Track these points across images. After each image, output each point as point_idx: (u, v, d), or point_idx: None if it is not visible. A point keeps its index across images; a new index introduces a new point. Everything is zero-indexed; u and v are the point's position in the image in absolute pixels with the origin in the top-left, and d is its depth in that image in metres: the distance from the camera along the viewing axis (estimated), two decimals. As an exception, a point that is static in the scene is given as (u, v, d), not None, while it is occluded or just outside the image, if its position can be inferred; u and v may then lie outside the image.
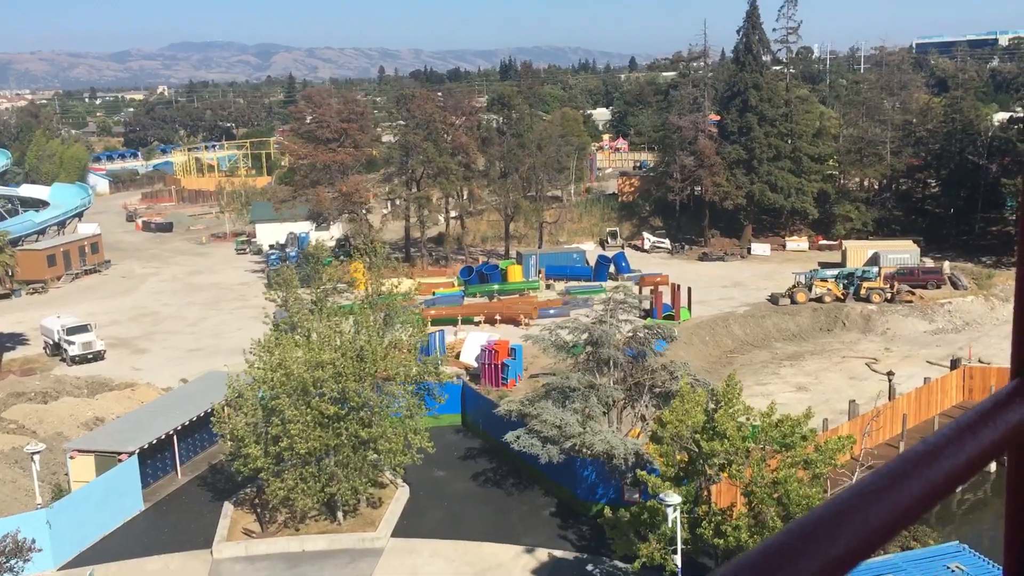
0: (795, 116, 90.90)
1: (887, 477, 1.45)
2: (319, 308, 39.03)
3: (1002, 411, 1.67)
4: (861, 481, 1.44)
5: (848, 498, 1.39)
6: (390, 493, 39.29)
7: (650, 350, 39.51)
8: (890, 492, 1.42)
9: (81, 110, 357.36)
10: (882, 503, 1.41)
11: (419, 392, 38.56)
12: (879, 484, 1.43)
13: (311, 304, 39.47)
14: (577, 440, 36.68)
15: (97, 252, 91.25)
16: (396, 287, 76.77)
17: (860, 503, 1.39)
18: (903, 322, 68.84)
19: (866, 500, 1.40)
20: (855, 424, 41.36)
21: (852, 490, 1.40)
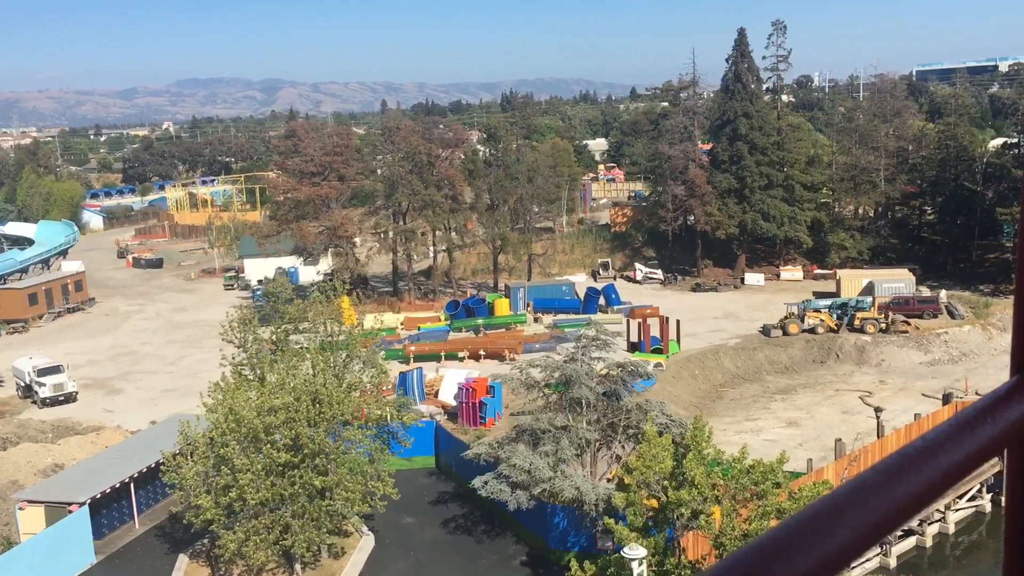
0: (787, 144, 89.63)
1: (884, 473, 1.44)
2: (279, 349, 37.45)
3: (1001, 408, 1.67)
4: (858, 476, 1.42)
5: (845, 493, 1.39)
6: (354, 542, 37.55)
7: (624, 389, 37.81)
8: (887, 488, 1.42)
9: (84, 147, 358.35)
10: (879, 499, 1.41)
11: (383, 435, 36.90)
12: (876, 480, 1.42)
13: (272, 344, 37.86)
14: (547, 485, 34.97)
15: (81, 290, 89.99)
16: (380, 322, 75.72)
17: (857, 498, 1.39)
18: (898, 353, 67.05)
19: (863, 495, 1.40)
20: (840, 465, 39.57)
21: (849, 485, 1.39)
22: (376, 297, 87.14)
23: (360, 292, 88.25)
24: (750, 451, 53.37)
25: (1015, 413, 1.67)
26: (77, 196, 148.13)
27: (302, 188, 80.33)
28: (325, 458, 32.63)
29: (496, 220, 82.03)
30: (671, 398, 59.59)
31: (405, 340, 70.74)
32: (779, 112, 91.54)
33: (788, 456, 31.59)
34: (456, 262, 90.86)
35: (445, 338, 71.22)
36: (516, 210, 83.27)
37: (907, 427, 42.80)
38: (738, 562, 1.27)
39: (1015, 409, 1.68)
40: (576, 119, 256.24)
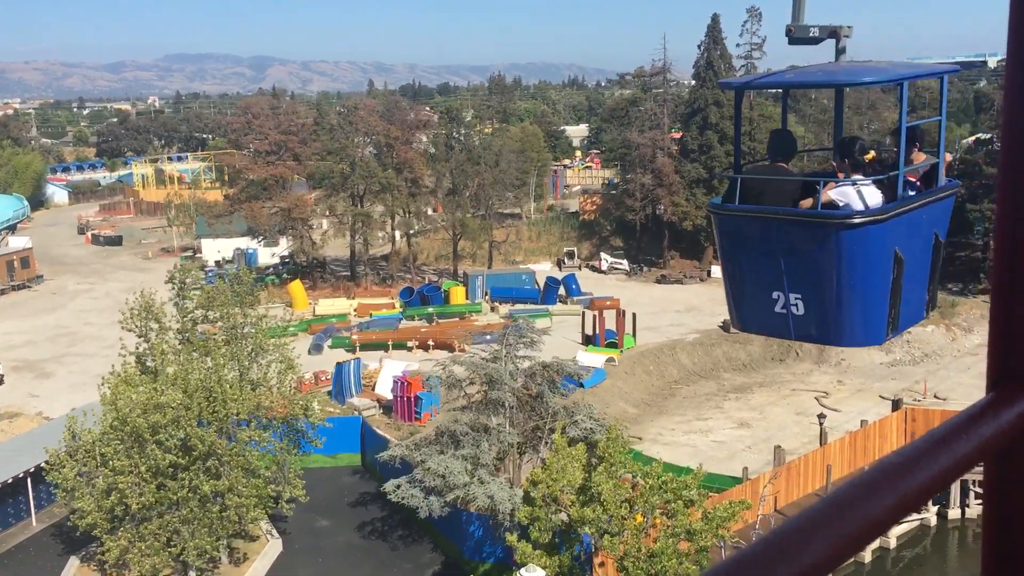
0: (757, 135, 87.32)
1: (860, 487, 1.47)
2: (186, 339, 35.11)
3: (976, 424, 1.69)
4: (835, 492, 1.46)
5: (821, 508, 1.42)
6: (260, 547, 35.36)
7: (549, 390, 35.64)
8: (862, 503, 1.45)
9: (63, 119, 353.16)
10: (854, 514, 1.43)
11: (291, 434, 34.70)
12: (852, 495, 1.45)
13: (178, 335, 35.51)
14: (461, 492, 32.85)
15: (28, 267, 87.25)
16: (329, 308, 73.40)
17: (835, 513, 1.42)
18: (858, 353, 65.03)
19: (839, 510, 1.43)
20: (780, 473, 37.55)
21: (825, 500, 1.43)
22: (333, 282, 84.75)
23: (319, 275, 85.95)
24: (698, 452, 51.76)
25: (989, 430, 1.68)
26: (39, 170, 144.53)
27: (256, 167, 77.78)
28: (218, 460, 30.40)
29: (457, 205, 79.66)
30: (621, 395, 57.68)
31: (353, 328, 68.51)
32: (751, 102, 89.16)
33: (705, 471, 29.48)
34: (415, 248, 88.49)
35: (396, 326, 68.96)
36: (478, 195, 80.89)
37: (852, 434, 40.86)
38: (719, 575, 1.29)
39: (989, 426, 1.68)
40: (561, 104, 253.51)
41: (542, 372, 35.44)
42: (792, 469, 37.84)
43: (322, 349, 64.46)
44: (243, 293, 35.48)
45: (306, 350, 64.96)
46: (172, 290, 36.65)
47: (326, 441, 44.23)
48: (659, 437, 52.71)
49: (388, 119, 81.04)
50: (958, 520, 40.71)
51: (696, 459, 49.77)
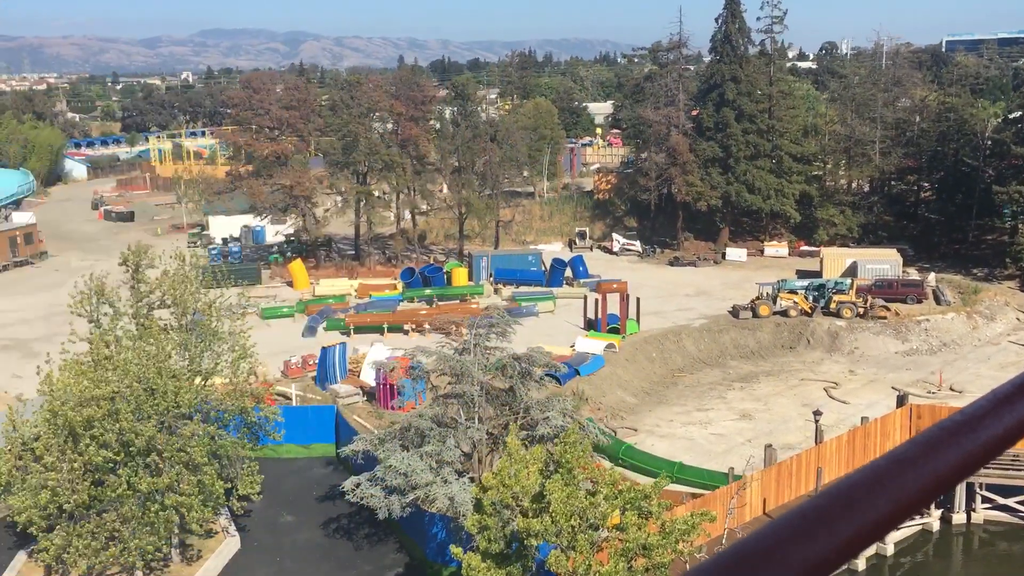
0: (777, 112, 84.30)
1: (924, 445, 1.48)
2: (141, 325, 33.31)
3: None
4: (899, 448, 1.46)
5: (885, 464, 1.43)
6: (216, 544, 33.65)
7: (520, 383, 33.46)
8: (927, 460, 1.45)
9: (94, 94, 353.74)
10: (919, 471, 1.44)
11: (248, 427, 32.86)
12: (916, 452, 1.46)
13: (131, 320, 33.71)
14: (422, 492, 30.89)
15: (31, 243, 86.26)
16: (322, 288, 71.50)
17: (897, 470, 1.42)
18: (873, 341, 62.36)
19: (902, 467, 1.43)
20: (770, 474, 35.23)
21: (889, 457, 1.44)
22: (338, 261, 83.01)
23: (324, 254, 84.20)
24: (695, 445, 49.44)
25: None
26: (57, 144, 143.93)
27: (257, 144, 75.98)
28: (158, 456, 28.65)
29: (463, 183, 77.43)
30: (620, 383, 55.48)
31: (350, 310, 66.71)
32: (771, 77, 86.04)
33: (669, 480, 27.22)
34: (420, 227, 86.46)
35: (394, 308, 67.04)
36: (484, 174, 78.57)
37: (850, 432, 38.36)
38: (782, 527, 1.30)
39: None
40: (589, 80, 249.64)
41: (512, 364, 33.29)
42: (783, 469, 35.50)
43: (316, 332, 62.74)
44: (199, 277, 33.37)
45: (300, 332, 63.62)
46: (126, 272, 34.77)
47: (300, 431, 42.68)
48: (656, 429, 50.46)
49: (395, 95, 78.88)
50: (963, 525, 38.21)
51: (692, 453, 47.57)
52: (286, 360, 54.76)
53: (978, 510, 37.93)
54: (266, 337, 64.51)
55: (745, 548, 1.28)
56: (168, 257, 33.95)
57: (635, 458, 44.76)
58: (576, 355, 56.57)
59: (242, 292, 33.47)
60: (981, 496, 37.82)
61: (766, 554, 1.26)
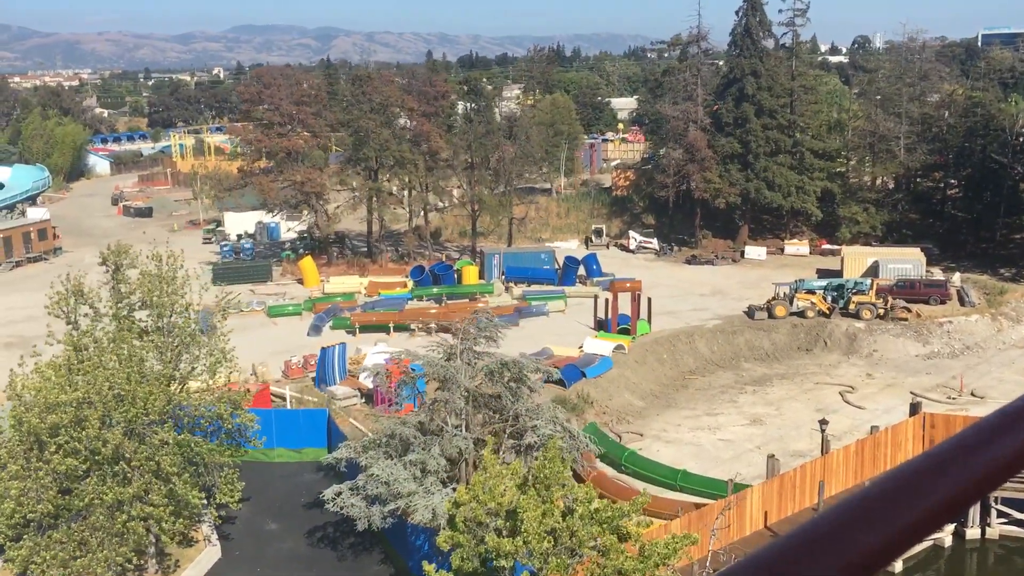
0: (799, 107, 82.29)
1: (986, 431, 1.47)
2: (122, 328, 32.31)
3: None
4: (963, 432, 1.45)
5: (948, 449, 1.42)
6: (195, 553, 32.64)
7: (510, 391, 32.14)
8: (990, 446, 1.44)
9: (123, 90, 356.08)
10: (981, 456, 1.42)
11: (228, 433, 31.80)
12: (978, 438, 1.45)
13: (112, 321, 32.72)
14: (404, 502, 29.70)
15: (45, 239, 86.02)
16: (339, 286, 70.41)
17: (960, 455, 1.41)
18: (893, 343, 60.45)
19: (965, 452, 1.42)
20: (772, 486, 33.70)
21: (952, 442, 1.43)
22: (350, 258, 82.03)
23: (337, 251, 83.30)
24: (702, 451, 47.92)
25: None
26: (80, 140, 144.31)
27: (268, 139, 75.15)
28: (127, 464, 27.65)
29: (475, 180, 76.17)
30: (628, 386, 54.04)
31: (357, 308, 65.70)
32: (793, 72, 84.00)
33: (649, 496, 25.79)
34: (435, 224, 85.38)
35: (402, 307, 65.89)
36: (497, 170, 77.26)
37: (859, 442, 36.70)
38: (848, 509, 1.30)
39: None
40: (616, 75, 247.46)
41: (499, 371, 31.98)
42: (786, 481, 33.94)
43: (321, 331, 61.77)
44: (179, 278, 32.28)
45: (306, 331, 62.64)
46: (106, 272, 33.81)
47: (292, 435, 41.66)
48: (663, 434, 48.98)
49: (407, 90, 77.80)
50: (977, 540, 36.45)
51: (699, 459, 46.06)
52: (287, 360, 53.80)
53: (993, 525, 36.19)
54: (271, 336, 63.81)
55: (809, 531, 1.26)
56: (145, 257, 32.92)
57: (638, 465, 43.37)
58: (583, 356, 55.17)
59: (222, 295, 32.20)
60: (997, 510, 36.06)
61: (831, 538, 1.25)
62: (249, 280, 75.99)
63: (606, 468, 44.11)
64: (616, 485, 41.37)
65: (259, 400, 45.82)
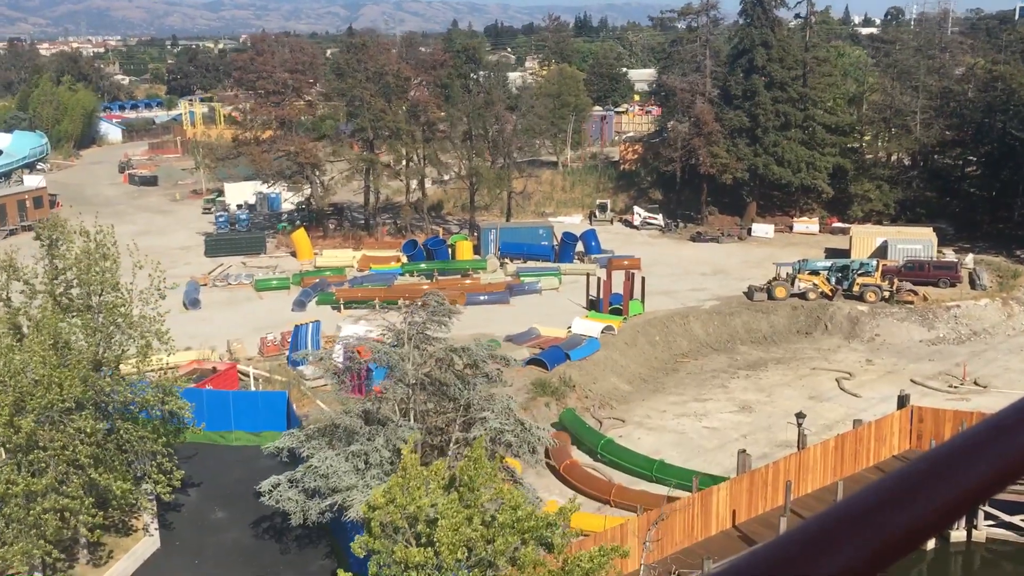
0: (812, 80, 79.29)
1: None
2: (56, 305, 30.70)
3: None
4: (996, 415, 1.44)
5: (984, 430, 1.41)
6: (131, 543, 31.19)
7: (460, 379, 30.28)
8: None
9: (146, 57, 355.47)
10: (1018, 437, 1.41)
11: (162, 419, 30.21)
12: (1017, 419, 1.44)
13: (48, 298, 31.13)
14: (341, 496, 28.04)
15: (41, 207, 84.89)
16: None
17: (995, 435, 1.40)
18: (896, 328, 58.00)
19: (1001, 433, 1.41)
20: (741, 483, 31.72)
21: (987, 423, 1.42)
22: (350, 230, 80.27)
23: (335, 224, 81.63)
24: (684, 440, 45.95)
25: None
26: (91, 107, 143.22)
27: (261, 108, 73.37)
28: (42, 452, 26.15)
29: (473, 152, 74.04)
30: (615, 369, 52.09)
31: (345, 283, 64.03)
32: (807, 43, 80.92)
33: (579, 504, 23.91)
34: (436, 197, 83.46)
35: (391, 283, 64.15)
36: (496, 142, 75.07)
37: (838, 438, 34.57)
38: (885, 489, 1.30)
39: None
40: (638, 46, 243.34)
41: (447, 358, 30.12)
42: (757, 478, 31.94)
43: (306, 306, 60.17)
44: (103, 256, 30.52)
45: (290, 306, 61.06)
46: (41, 247, 32.21)
47: (250, 418, 40.14)
48: (645, 420, 47.06)
49: (405, 59, 75.64)
50: (963, 543, 34.33)
51: (680, 448, 44.13)
52: (262, 337, 52.27)
53: (980, 527, 34.08)
54: (256, 310, 62.31)
55: (846, 509, 1.27)
56: (75, 233, 31.26)
57: (614, 454, 41.55)
58: (570, 337, 53.22)
59: (156, 270, 30.46)
60: (984, 512, 33.92)
61: (866, 516, 1.25)
62: (242, 252, 74.59)
63: (582, 456, 42.38)
64: (587, 475, 39.64)
65: (226, 379, 44.43)
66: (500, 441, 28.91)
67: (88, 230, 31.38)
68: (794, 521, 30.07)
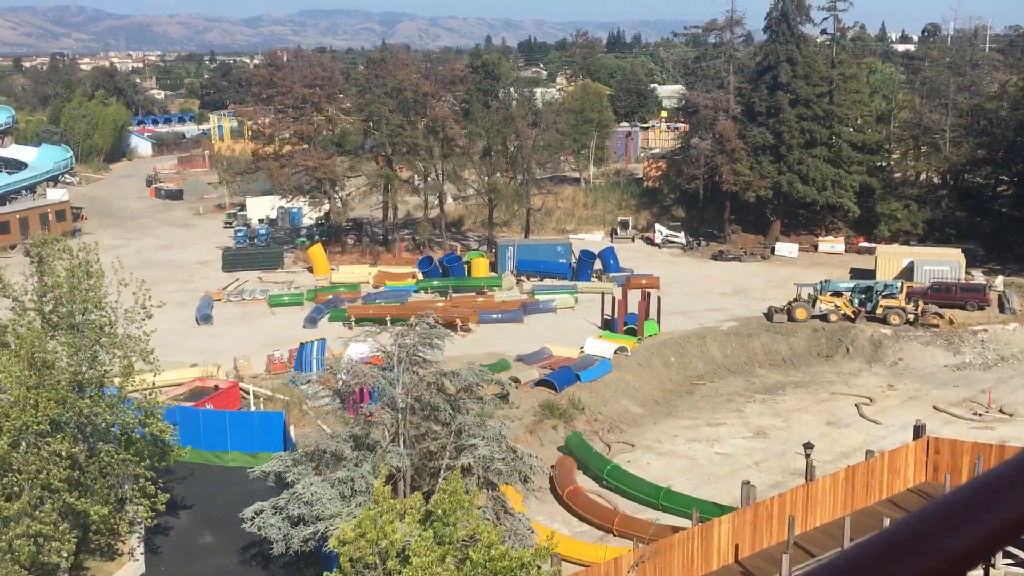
0: (838, 97, 77.80)
1: None
2: (44, 319, 30.08)
3: None
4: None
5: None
6: (115, 568, 30.46)
7: (450, 404, 29.30)
8: None
9: (181, 72, 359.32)
10: None
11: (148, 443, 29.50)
12: None
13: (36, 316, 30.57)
14: (324, 525, 27.13)
15: (64, 220, 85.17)
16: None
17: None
18: (920, 352, 56.27)
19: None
20: (744, 516, 30.42)
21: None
22: (369, 245, 79.71)
23: (355, 239, 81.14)
24: (695, 466, 44.61)
25: None
26: (122, 121, 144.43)
27: (280, 123, 73.14)
28: (16, 476, 25.49)
29: (491, 168, 73.28)
30: (627, 391, 50.86)
31: (358, 300, 63.37)
32: (833, 59, 79.47)
33: (556, 543, 22.79)
34: (457, 213, 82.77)
35: (405, 300, 63.38)
36: (515, 159, 74.26)
37: (849, 469, 33.16)
38: (929, 517, 1.28)
39: None
40: (670, 62, 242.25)
41: (435, 382, 29.15)
42: (761, 511, 30.62)
43: (317, 323, 59.52)
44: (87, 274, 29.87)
45: (302, 322, 60.41)
46: (31, 263, 31.68)
47: (246, 438, 39.40)
48: (656, 445, 45.78)
49: (423, 74, 75.13)
50: (980, 583, 32.73)
51: (690, 475, 42.83)
52: (269, 354, 51.64)
53: (998, 566, 32.42)
54: (267, 326, 61.74)
55: (895, 536, 1.26)
56: (59, 250, 30.67)
57: (620, 480, 40.34)
58: (582, 358, 52.09)
59: (140, 288, 29.76)
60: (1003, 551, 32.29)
61: (915, 542, 1.24)
62: (259, 267, 74.30)
63: (588, 482, 41.22)
64: (590, 502, 38.48)
65: (227, 398, 43.79)
66: (490, 469, 27.89)
67: (71, 246, 30.73)
68: (797, 558, 28.76)
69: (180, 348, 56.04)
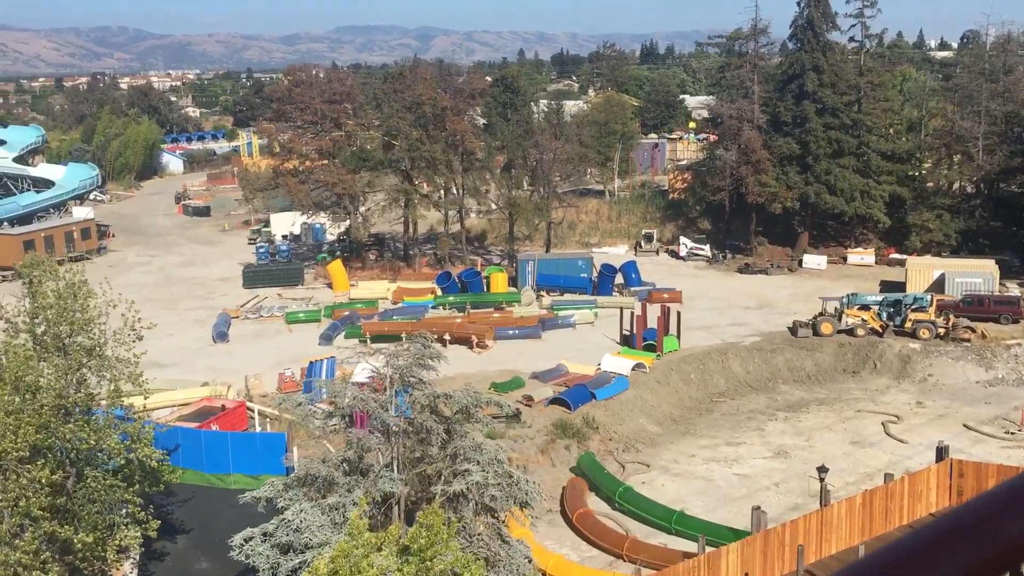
0: (866, 106, 76.09)
1: None
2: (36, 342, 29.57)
3: None
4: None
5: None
6: (106, 594, 29.74)
7: (444, 428, 28.30)
8: None
9: (217, 90, 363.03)
10: None
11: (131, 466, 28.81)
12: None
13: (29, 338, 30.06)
14: (313, 554, 26.20)
15: (89, 238, 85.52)
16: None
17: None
18: (951, 367, 54.43)
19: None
20: (754, 543, 29.09)
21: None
22: (390, 260, 79.13)
23: (376, 254, 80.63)
24: (711, 487, 43.20)
25: None
26: (153, 138, 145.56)
27: (299, 139, 72.85)
28: None
29: (511, 182, 72.44)
30: (644, 409, 49.61)
31: (375, 317, 62.67)
32: (861, 67, 77.81)
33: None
34: (479, 227, 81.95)
35: (422, 316, 62.58)
36: (535, 172, 73.36)
37: (866, 494, 31.67)
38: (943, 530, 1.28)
39: None
40: (702, 72, 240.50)
41: (429, 404, 28.17)
42: (772, 538, 29.25)
43: (332, 340, 58.86)
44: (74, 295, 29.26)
45: (317, 340, 59.78)
46: (23, 285, 31.20)
47: (248, 460, 38.70)
48: (672, 465, 44.45)
49: (443, 88, 74.57)
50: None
51: (706, 497, 41.45)
52: (280, 372, 51.01)
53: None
54: (283, 344, 61.18)
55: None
56: (49, 272, 30.14)
57: (632, 502, 39.09)
58: (599, 375, 50.93)
59: (130, 309, 29.13)
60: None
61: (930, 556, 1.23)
62: (280, 283, 73.96)
63: (599, 504, 40.02)
64: (600, 526, 37.28)
65: (233, 418, 43.17)
66: (485, 495, 26.85)
67: (58, 269, 30.19)
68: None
69: (194, 366, 55.71)
